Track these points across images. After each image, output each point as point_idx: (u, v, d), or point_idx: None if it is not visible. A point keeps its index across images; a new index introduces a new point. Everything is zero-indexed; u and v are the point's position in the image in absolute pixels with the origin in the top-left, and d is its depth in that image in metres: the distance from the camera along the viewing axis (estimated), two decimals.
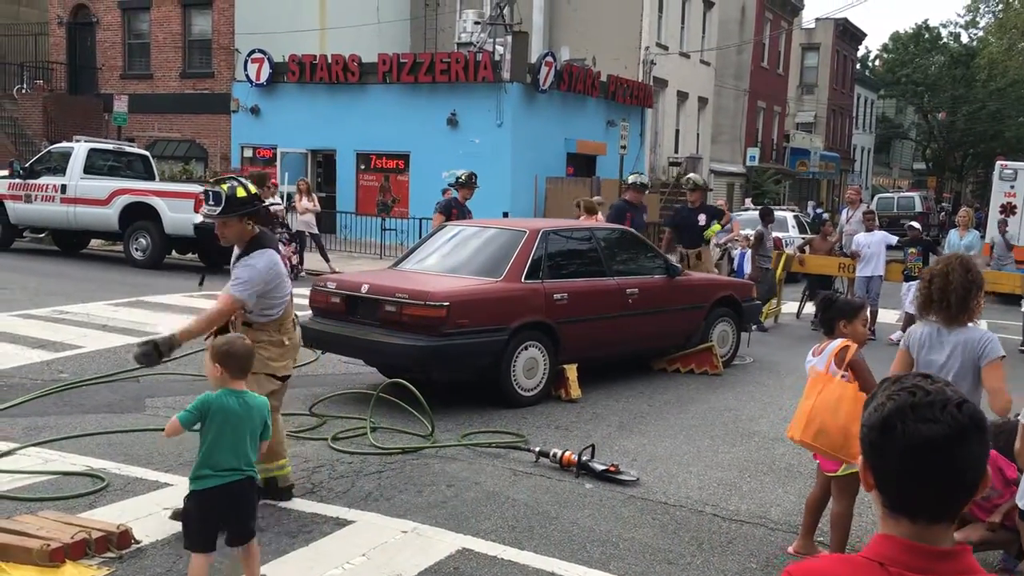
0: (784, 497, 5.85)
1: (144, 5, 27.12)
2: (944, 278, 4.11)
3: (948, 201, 59.49)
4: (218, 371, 3.92)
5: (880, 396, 1.58)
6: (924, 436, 1.50)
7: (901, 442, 1.51)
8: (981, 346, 4.09)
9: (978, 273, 4.22)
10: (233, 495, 3.86)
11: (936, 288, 4.14)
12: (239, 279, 4.92)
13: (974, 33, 61.87)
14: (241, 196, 4.96)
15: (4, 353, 9.00)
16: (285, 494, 5.30)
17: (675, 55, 32.08)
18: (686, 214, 12.06)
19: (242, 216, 4.99)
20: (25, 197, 17.67)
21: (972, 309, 4.17)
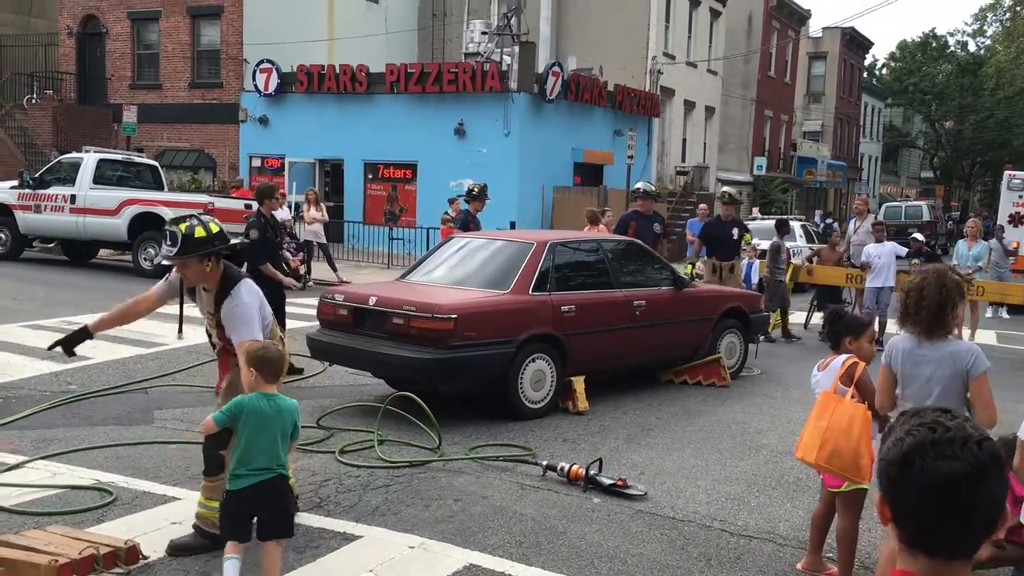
0: (793, 512, 5.82)
1: (153, 16, 27.27)
2: (919, 292, 4.08)
3: (956, 210, 59.41)
4: (253, 375, 4.20)
5: (899, 430, 1.57)
6: (943, 473, 1.48)
7: (920, 479, 1.50)
8: (968, 361, 4.06)
9: (954, 287, 4.17)
10: (266, 492, 4.16)
11: (911, 302, 4.10)
12: (241, 323, 4.73)
13: (981, 42, 61.85)
14: (199, 236, 4.73)
15: (13, 364, 9.03)
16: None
17: (682, 64, 32.11)
18: (719, 227, 12.14)
19: (201, 257, 4.76)
20: (35, 207, 17.76)
21: (947, 323, 4.15)
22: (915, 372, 4.14)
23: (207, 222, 4.86)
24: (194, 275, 4.87)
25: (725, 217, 12.20)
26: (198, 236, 4.75)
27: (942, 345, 4.11)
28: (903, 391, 4.19)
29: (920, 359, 4.13)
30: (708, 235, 12.37)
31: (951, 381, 4.05)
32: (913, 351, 4.16)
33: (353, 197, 24.79)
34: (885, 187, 64.63)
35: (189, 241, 4.73)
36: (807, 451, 4.52)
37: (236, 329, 4.75)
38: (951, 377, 4.05)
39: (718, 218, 12.45)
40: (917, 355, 4.14)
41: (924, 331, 4.10)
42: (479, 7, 30.04)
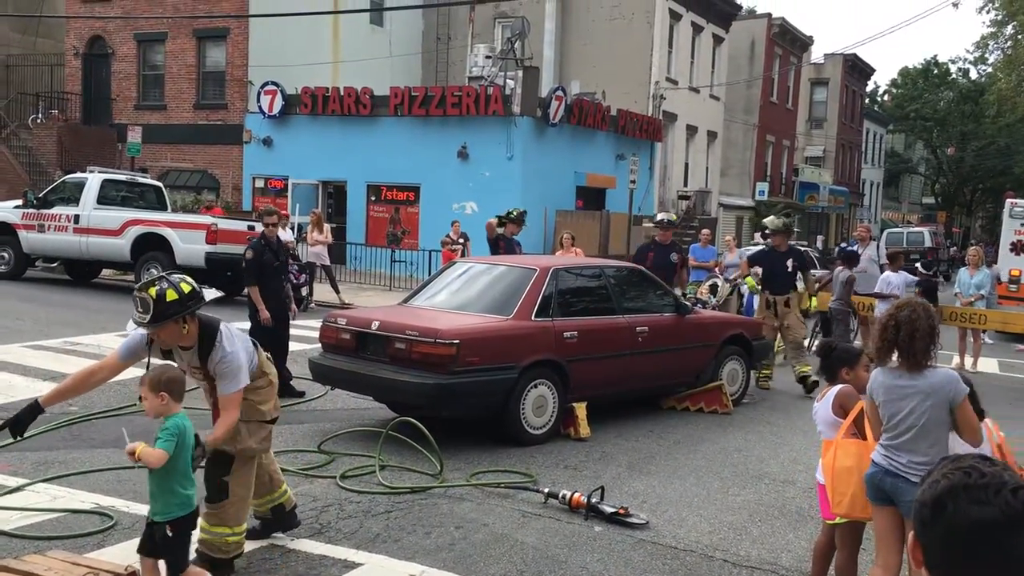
0: (795, 542, 5.79)
1: (159, 37, 27.46)
2: (911, 324, 4.07)
3: (958, 236, 59.45)
4: (164, 399, 4.12)
5: (936, 473, 1.56)
6: (973, 519, 1.46)
7: (951, 523, 1.48)
8: (951, 388, 4.05)
9: (936, 319, 4.21)
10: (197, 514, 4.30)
11: (905, 334, 4.08)
12: (230, 376, 4.59)
13: (983, 69, 61.97)
14: (172, 299, 4.47)
15: (14, 385, 9.02)
16: (293, 517, 5.36)
17: (684, 89, 32.27)
18: (774, 258, 11.38)
19: (177, 319, 4.51)
20: (38, 227, 17.81)
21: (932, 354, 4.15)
22: (898, 405, 4.10)
23: (177, 283, 4.57)
24: (170, 338, 4.61)
25: (777, 247, 11.41)
26: (170, 299, 4.46)
27: (923, 376, 4.08)
28: (887, 425, 4.17)
29: (902, 392, 4.10)
30: (760, 265, 11.63)
31: (934, 411, 4.04)
32: (894, 384, 4.13)
33: (356, 219, 24.86)
34: (887, 213, 64.73)
35: (161, 305, 4.44)
36: (839, 506, 4.47)
37: (227, 382, 4.61)
38: (934, 407, 4.03)
39: (772, 249, 11.58)
40: (899, 388, 4.11)
41: (914, 363, 4.09)
42: (483, 31, 30.24)
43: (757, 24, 40.31)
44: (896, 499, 4.07)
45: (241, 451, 4.85)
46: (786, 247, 11.41)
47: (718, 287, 14.48)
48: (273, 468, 5.34)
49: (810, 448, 7.81)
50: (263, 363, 5.05)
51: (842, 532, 4.60)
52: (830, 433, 4.62)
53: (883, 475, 4.13)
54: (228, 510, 4.81)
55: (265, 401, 4.98)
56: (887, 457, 4.13)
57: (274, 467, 5.36)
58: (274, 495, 5.28)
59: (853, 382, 4.71)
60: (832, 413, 4.64)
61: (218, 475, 4.79)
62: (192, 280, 4.68)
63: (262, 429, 4.97)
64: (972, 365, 13.84)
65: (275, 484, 5.29)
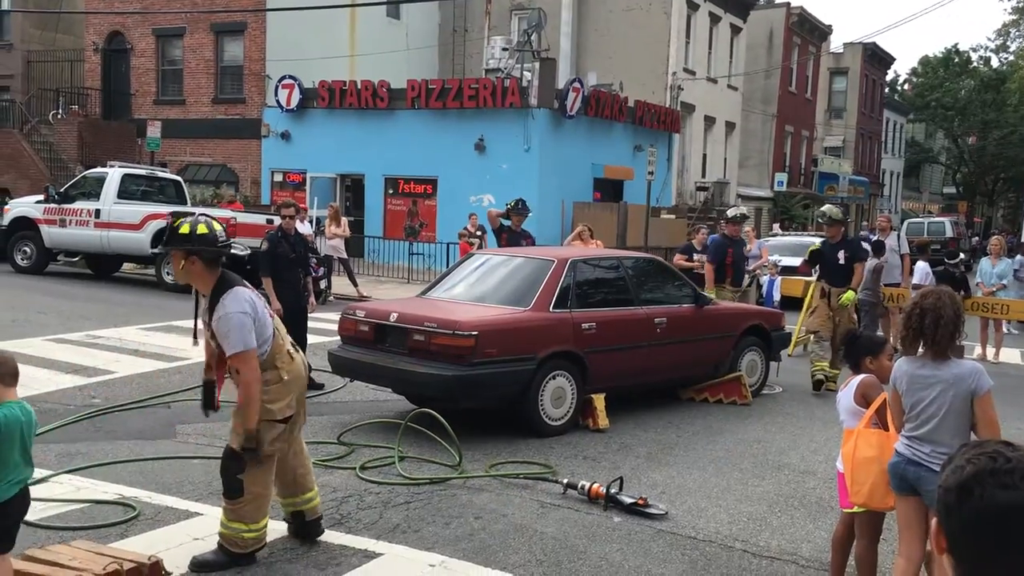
0: (815, 533, 5.78)
1: (178, 32, 27.59)
2: (936, 312, 4.04)
3: (979, 226, 58.91)
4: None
5: (959, 459, 1.55)
6: (1002, 503, 1.45)
7: (979, 508, 1.47)
8: (974, 380, 4.03)
9: (961, 307, 4.19)
10: (27, 499, 4.02)
11: (929, 322, 4.05)
12: (229, 333, 4.61)
13: (1005, 57, 61.46)
14: (183, 232, 4.67)
15: (37, 378, 9.11)
16: (314, 528, 5.17)
17: (702, 80, 32.11)
18: (827, 250, 10.92)
19: (182, 252, 4.68)
20: (60, 221, 17.97)
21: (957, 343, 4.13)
22: (921, 394, 4.09)
23: (197, 221, 4.75)
24: (175, 272, 4.89)
25: (832, 239, 11.00)
26: (181, 232, 4.71)
27: (947, 366, 4.06)
28: (909, 414, 4.16)
29: (926, 381, 4.08)
30: (815, 260, 11.33)
31: (957, 401, 4.02)
32: (917, 373, 4.12)
33: (374, 212, 24.92)
34: (907, 203, 64.25)
35: (173, 235, 4.73)
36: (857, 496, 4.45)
37: (224, 342, 4.65)
38: (956, 397, 4.01)
39: (827, 241, 11.15)
40: (922, 377, 4.09)
41: (939, 352, 4.07)
42: (499, 23, 30.19)
43: (775, 13, 40.03)
44: (919, 488, 4.05)
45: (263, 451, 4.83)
46: (840, 238, 11.01)
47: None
48: (302, 471, 5.14)
49: (830, 439, 7.78)
50: (278, 355, 4.87)
51: (861, 521, 4.58)
52: (852, 422, 4.60)
53: (906, 464, 4.12)
54: (244, 508, 4.80)
55: (275, 400, 4.82)
56: (910, 447, 4.11)
57: (303, 470, 5.15)
58: (296, 499, 5.12)
59: (876, 372, 4.69)
60: (854, 402, 4.62)
61: (234, 472, 4.75)
62: (218, 227, 4.84)
63: (273, 428, 4.82)
64: (994, 356, 13.72)
65: (300, 488, 5.11)
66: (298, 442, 5.17)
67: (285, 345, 4.97)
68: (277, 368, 4.87)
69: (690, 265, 13.88)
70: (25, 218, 18.46)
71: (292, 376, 4.92)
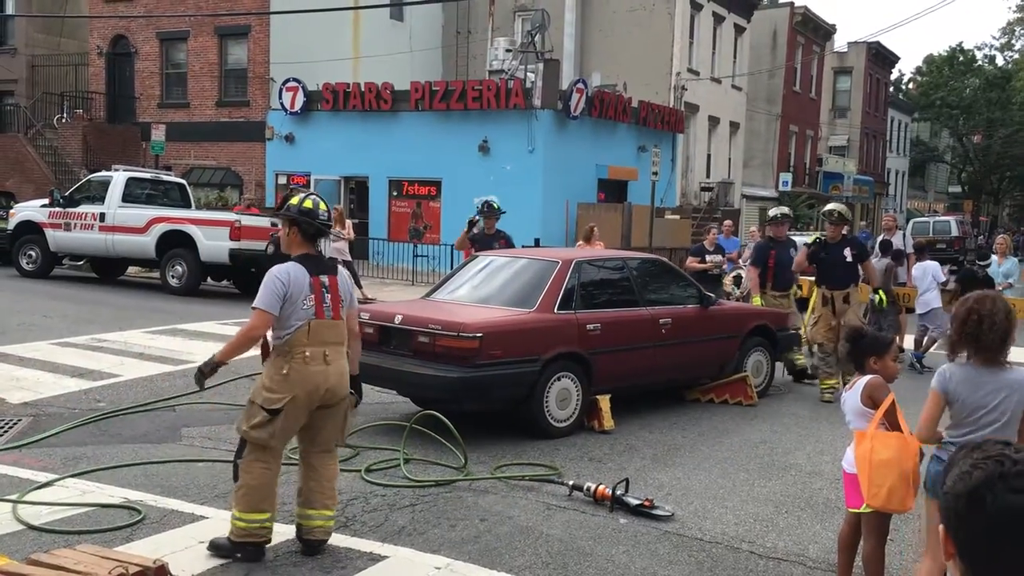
0: (822, 534, 5.75)
1: (182, 36, 27.65)
2: (991, 317, 4.00)
3: (985, 225, 58.77)
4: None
5: (963, 464, 1.53)
6: (1014, 507, 1.45)
7: (992, 514, 1.46)
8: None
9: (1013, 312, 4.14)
10: None
11: (986, 327, 3.99)
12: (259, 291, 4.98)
13: (1010, 56, 61.35)
14: (292, 203, 5.10)
15: (42, 382, 9.13)
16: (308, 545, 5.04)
17: (706, 80, 32.08)
18: (830, 249, 10.23)
19: (283, 221, 5.13)
20: (65, 225, 18.01)
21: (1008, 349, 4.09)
22: (983, 400, 4.02)
23: (296, 195, 5.15)
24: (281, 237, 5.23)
25: (833, 238, 10.31)
26: (291, 203, 5.09)
27: (1005, 371, 4.03)
28: (962, 420, 4.08)
29: (983, 386, 4.02)
30: (815, 259, 10.45)
31: (1018, 407, 3.98)
32: (978, 379, 4.05)
33: (378, 214, 24.93)
34: (913, 202, 64.12)
35: (284, 204, 5.13)
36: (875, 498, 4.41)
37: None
38: (1019, 403, 3.98)
39: (825, 240, 10.51)
40: (983, 383, 4.03)
41: (993, 357, 4.03)
42: (503, 24, 30.20)
43: (779, 13, 40.00)
44: None
45: (241, 432, 4.97)
46: (840, 236, 10.37)
47: (743, 278, 14.38)
48: (314, 487, 5.05)
49: (837, 439, 7.75)
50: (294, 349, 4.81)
51: (868, 521, 4.54)
52: (859, 423, 4.56)
53: None
54: (236, 494, 4.93)
55: (269, 388, 4.82)
56: None
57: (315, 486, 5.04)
58: (301, 511, 5.06)
59: (881, 372, 4.64)
60: (861, 404, 4.57)
61: (237, 456, 4.93)
62: (323, 207, 5.12)
63: (258, 414, 4.82)
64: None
65: (307, 502, 5.03)
66: (319, 458, 5.11)
67: (309, 348, 4.86)
68: (286, 360, 4.85)
69: (703, 267, 13.75)
70: (30, 222, 18.49)
71: (296, 377, 4.83)
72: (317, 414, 4.99)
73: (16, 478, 6.13)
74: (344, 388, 5.03)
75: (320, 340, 4.91)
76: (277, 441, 4.93)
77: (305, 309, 4.88)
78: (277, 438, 4.92)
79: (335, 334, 5.00)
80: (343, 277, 5.15)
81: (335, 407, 5.03)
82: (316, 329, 4.90)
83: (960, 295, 5.00)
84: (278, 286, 4.82)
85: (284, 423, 4.87)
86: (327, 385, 4.91)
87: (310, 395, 4.88)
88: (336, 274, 5.11)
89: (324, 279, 5.00)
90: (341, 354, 5.03)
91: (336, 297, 5.02)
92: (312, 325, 4.89)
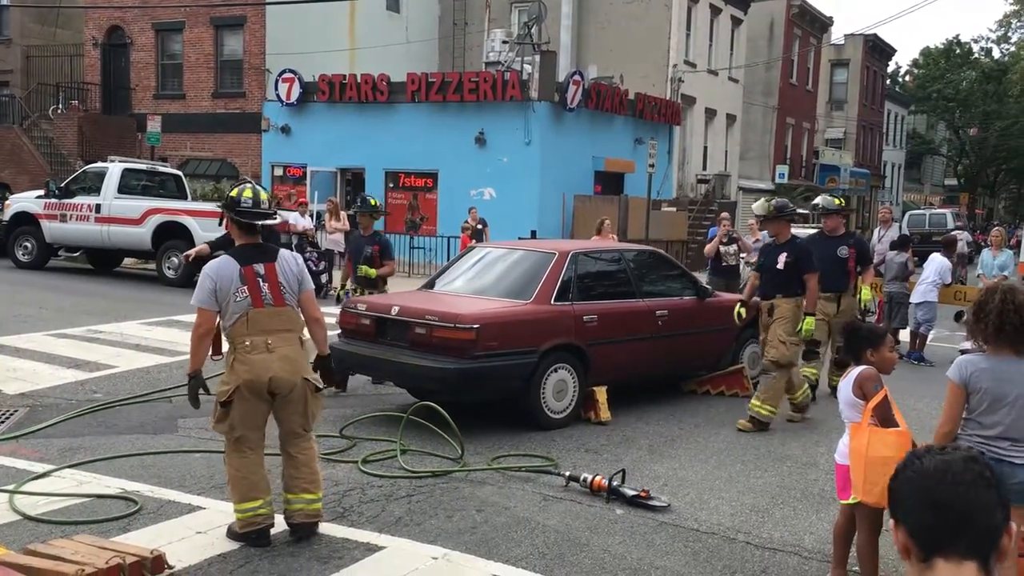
0: (818, 524, 5.77)
1: (177, 26, 27.54)
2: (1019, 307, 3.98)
3: (981, 218, 58.84)
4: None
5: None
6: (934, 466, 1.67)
7: (915, 476, 1.68)
8: None
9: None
10: None
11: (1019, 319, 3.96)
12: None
13: (1006, 48, 61.39)
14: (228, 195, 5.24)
15: (39, 373, 9.12)
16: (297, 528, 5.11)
17: (703, 72, 32.04)
18: (823, 244, 9.37)
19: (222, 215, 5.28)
20: (60, 216, 17.97)
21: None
22: (1006, 390, 4.01)
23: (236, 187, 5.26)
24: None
25: (830, 232, 9.58)
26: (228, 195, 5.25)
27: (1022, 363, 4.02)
28: (986, 411, 4.06)
29: (1007, 377, 4.02)
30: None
31: None
32: (1004, 369, 4.04)
33: None
34: (909, 195, 64.15)
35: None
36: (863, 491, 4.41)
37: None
38: None
39: (821, 233, 9.80)
40: (1009, 373, 4.02)
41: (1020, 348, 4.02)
42: (499, 16, 30.13)
43: (776, 5, 39.90)
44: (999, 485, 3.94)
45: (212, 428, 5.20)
46: (842, 230, 9.59)
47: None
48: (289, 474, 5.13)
49: (832, 430, 7.77)
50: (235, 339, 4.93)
51: (861, 513, 4.55)
52: (852, 414, 4.57)
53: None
54: (229, 487, 5.07)
55: (224, 382, 4.98)
56: (984, 444, 4.03)
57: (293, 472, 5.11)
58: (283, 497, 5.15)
59: (878, 364, 4.64)
60: (852, 394, 4.58)
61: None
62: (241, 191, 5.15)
63: (216, 408, 5.00)
64: None
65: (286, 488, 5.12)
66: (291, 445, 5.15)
67: (249, 337, 4.92)
68: (232, 352, 4.98)
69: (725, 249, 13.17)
70: (26, 213, 18.46)
71: (239, 368, 4.91)
72: (277, 403, 5.03)
73: (13, 468, 6.13)
74: (293, 375, 4.99)
75: (260, 329, 4.94)
76: (241, 431, 4.98)
77: (239, 301, 4.93)
78: (238, 428, 4.97)
79: (279, 322, 5.01)
80: (288, 262, 5.12)
81: (290, 395, 5.02)
82: (255, 318, 4.94)
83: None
84: (206, 281, 4.93)
85: (238, 413, 4.94)
86: (270, 373, 4.91)
87: (253, 384, 4.90)
88: (274, 260, 5.06)
89: (259, 267, 5.00)
90: (288, 341, 5.01)
91: (275, 284, 5.00)
92: (251, 315, 4.94)
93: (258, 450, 5.08)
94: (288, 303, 5.06)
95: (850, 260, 9.48)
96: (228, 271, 4.95)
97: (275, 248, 5.29)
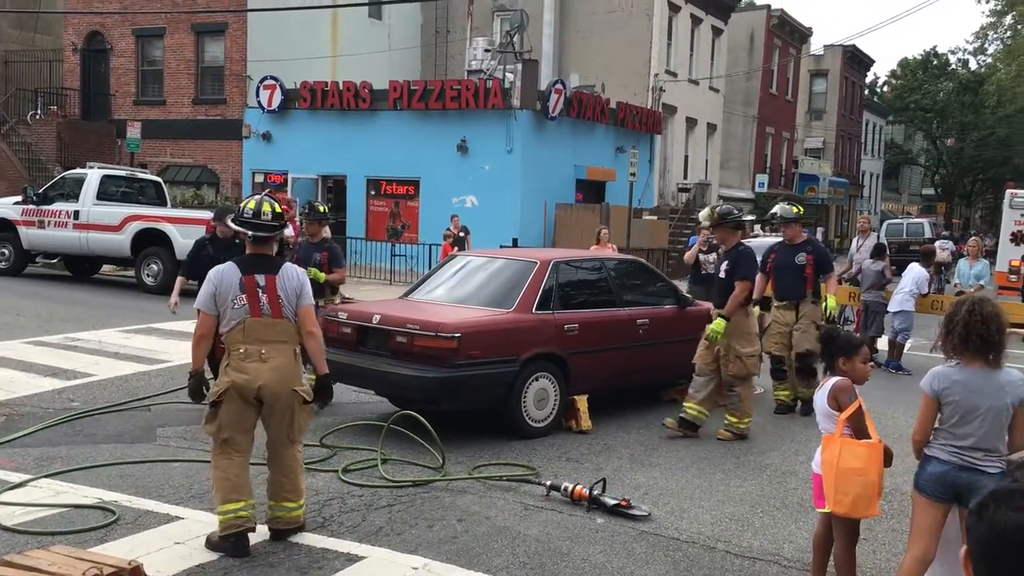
0: (797, 533, 5.80)
1: (158, 32, 27.41)
2: (998, 320, 4.01)
3: (958, 228, 59.45)
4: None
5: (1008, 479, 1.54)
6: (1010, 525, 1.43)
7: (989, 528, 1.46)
8: (1020, 388, 4.02)
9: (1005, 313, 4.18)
10: None
11: (995, 330, 4.01)
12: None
13: (983, 60, 62.06)
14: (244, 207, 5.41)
15: (15, 381, 9.03)
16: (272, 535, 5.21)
17: (684, 82, 32.22)
18: (782, 253, 9.39)
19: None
20: (38, 223, 17.81)
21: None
22: (977, 401, 4.04)
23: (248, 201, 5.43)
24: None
25: (790, 241, 9.47)
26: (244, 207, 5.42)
27: (999, 373, 4.05)
28: (958, 423, 4.08)
29: (978, 389, 4.05)
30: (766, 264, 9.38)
31: (1005, 407, 4.02)
32: (975, 380, 4.06)
33: (356, 213, 24.83)
34: (887, 204, 64.69)
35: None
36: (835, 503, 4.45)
37: None
38: (1003, 407, 4.02)
39: (782, 242, 9.66)
40: (979, 384, 4.05)
41: (996, 360, 4.05)
42: (482, 24, 30.19)
43: (756, 16, 40.26)
44: (973, 494, 3.98)
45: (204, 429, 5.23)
46: (801, 238, 9.54)
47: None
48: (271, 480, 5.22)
49: (811, 439, 7.81)
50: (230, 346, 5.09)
51: (838, 522, 4.58)
52: (827, 425, 4.60)
53: (957, 471, 4.07)
54: (212, 489, 5.12)
55: (217, 384, 5.16)
56: (959, 453, 4.07)
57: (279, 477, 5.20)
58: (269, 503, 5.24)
59: (849, 373, 4.65)
60: (827, 405, 4.61)
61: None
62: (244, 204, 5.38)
63: (207, 409, 5.13)
64: None
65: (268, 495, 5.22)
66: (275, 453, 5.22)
67: (244, 345, 5.02)
68: (227, 356, 5.09)
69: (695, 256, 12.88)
70: (3, 219, 18.27)
71: (231, 372, 5.03)
72: (265, 411, 5.11)
73: None
74: (283, 386, 5.06)
75: (256, 338, 5.04)
76: (228, 432, 5.05)
77: (236, 308, 5.05)
78: (225, 430, 5.05)
79: (275, 333, 5.08)
80: (289, 276, 5.19)
81: (278, 404, 5.08)
82: (251, 327, 5.04)
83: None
84: (208, 286, 5.11)
85: (226, 414, 5.02)
86: (259, 382, 4.99)
87: (242, 389, 5.00)
88: (275, 273, 5.14)
89: (260, 279, 5.09)
90: (282, 352, 5.09)
91: (273, 296, 5.08)
92: (247, 323, 5.04)
93: (244, 454, 5.14)
94: (286, 316, 5.14)
95: (807, 267, 9.25)
96: (230, 278, 5.09)
97: (280, 261, 5.38)
